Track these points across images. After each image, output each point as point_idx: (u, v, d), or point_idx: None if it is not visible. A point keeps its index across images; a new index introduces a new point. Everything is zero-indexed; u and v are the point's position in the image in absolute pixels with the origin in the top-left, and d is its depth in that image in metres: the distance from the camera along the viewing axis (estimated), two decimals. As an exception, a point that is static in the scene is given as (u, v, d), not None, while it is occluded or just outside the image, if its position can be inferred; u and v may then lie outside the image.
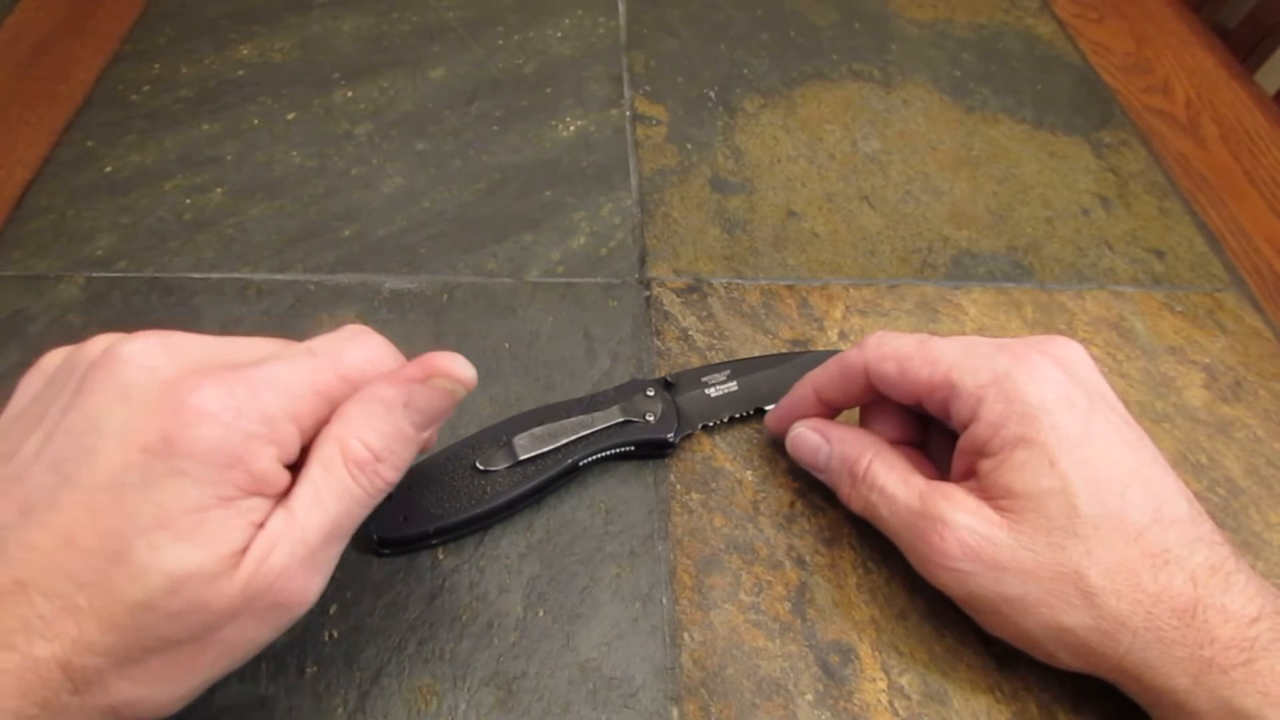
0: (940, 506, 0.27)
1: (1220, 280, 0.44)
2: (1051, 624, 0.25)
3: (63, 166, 0.43)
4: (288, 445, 0.22)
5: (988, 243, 0.44)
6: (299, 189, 0.43)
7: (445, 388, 0.24)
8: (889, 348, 0.29)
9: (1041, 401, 0.26)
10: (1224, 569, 0.25)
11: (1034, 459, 0.26)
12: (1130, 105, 0.54)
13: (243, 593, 0.20)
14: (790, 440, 0.32)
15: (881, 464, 0.29)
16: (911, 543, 0.28)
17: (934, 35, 0.58)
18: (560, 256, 0.41)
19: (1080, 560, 0.25)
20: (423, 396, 0.23)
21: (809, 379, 0.32)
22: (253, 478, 0.21)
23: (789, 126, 0.50)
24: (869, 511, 0.29)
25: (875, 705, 0.28)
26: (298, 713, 0.26)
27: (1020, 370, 0.27)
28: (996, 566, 0.26)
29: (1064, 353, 0.28)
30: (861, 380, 0.30)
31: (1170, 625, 0.24)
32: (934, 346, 0.28)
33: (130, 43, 0.51)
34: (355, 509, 0.22)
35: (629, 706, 0.27)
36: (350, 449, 0.22)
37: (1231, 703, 0.23)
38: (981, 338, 0.29)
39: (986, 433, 0.26)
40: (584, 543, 0.31)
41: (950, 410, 0.28)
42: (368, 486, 0.22)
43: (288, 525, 0.21)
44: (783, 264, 0.42)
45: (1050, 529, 0.25)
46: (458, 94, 0.49)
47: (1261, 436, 0.37)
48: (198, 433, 0.20)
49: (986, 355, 0.27)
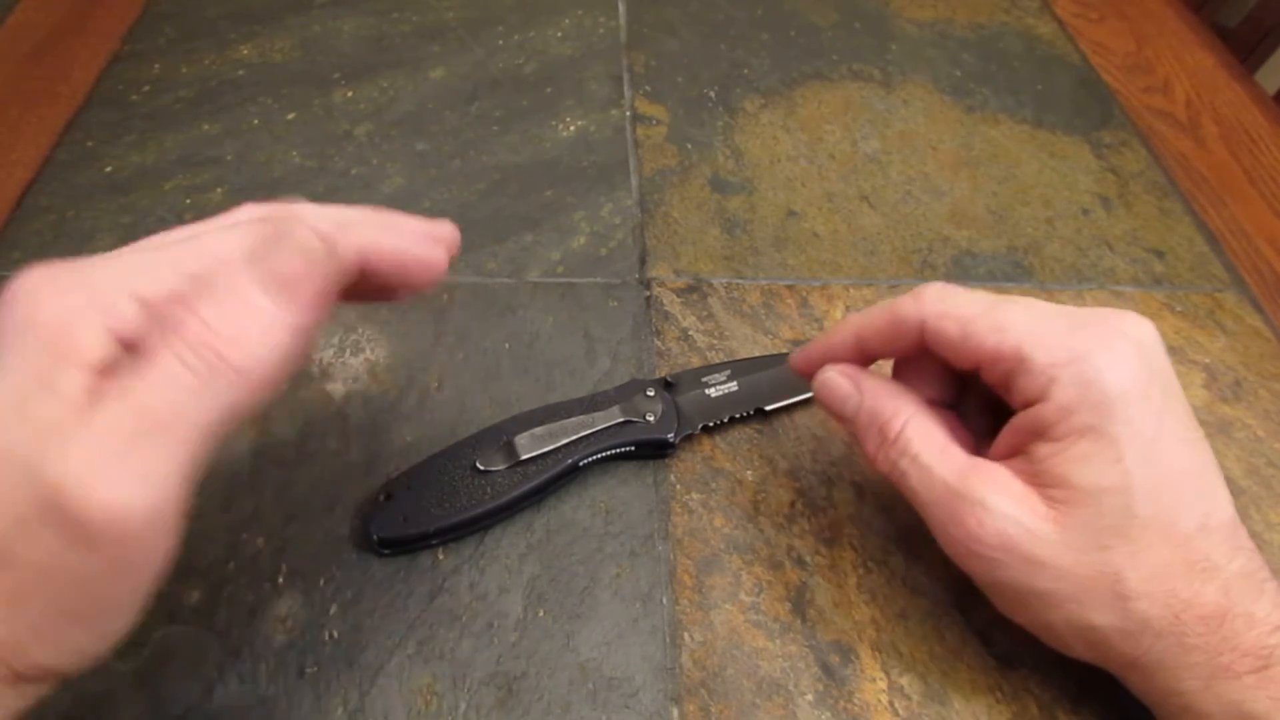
0: (981, 489, 0.25)
1: (1220, 280, 0.44)
2: (1078, 621, 0.24)
3: (63, 166, 0.43)
4: (122, 318, 0.18)
5: (988, 243, 0.44)
6: (299, 189, 0.43)
7: (301, 242, 0.19)
8: (951, 305, 0.27)
9: (1121, 392, 0.24)
10: (1257, 578, 0.24)
11: (1101, 453, 0.24)
12: (1130, 105, 0.54)
13: (31, 485, 0.17)
14: (818, 383, 0.30)
15: (917, 429, 0.27)
16: (941, 520, 0.26)
17: (934, 35, 0.58)
18: (560, 256, 0.41)
19: (1123, 563, 0.24)
20: (269, 252, 0.19)
21: (851, 322, 0.29)
22: (66, 349, 0.18)
23: (789, 126, 0.50)
24: (895, 475, 0.27)
25: (875, 705, 0.28)
26: (298, 713, 0.26)
27: (1101, 354, 0.24)
28: (1033, 561, 0.24)
29: (1140, 334, 0.26)
30: (913, 335, 0.27)
31: (1195, 631, 0.23)
32: (1004, 311, 0.26)
33: (130, 43, 0.51)
34: (184, 398, 0.18)
35: (629, 707, 0.27)
36: (176, 323, 0.18)
37: (1242, 706, 0.23)
38: (1052, 305, 0.26)
39: (1054, 416, 0.24)
40: (584, 543, 0.31)
41: (1014, 385, 0.26)
42: (197, 367, 0.18)
43: (90, 412, 0.17)
44: (783, 264, 0.42)
45: (1099, 528, 0.24)
46: (458, 94, 0.49)
47: (1261, 436, 0.37)
48: (14, 305, 0.18)
49: (1063, 331, 0.25)
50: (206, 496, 0.31)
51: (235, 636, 0.28)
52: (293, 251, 0.19)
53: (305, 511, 0.31)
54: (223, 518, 0.30)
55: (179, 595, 0.28)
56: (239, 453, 0.32)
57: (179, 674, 0.27)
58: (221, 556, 0.29)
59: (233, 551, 0.30)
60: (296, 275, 0.19)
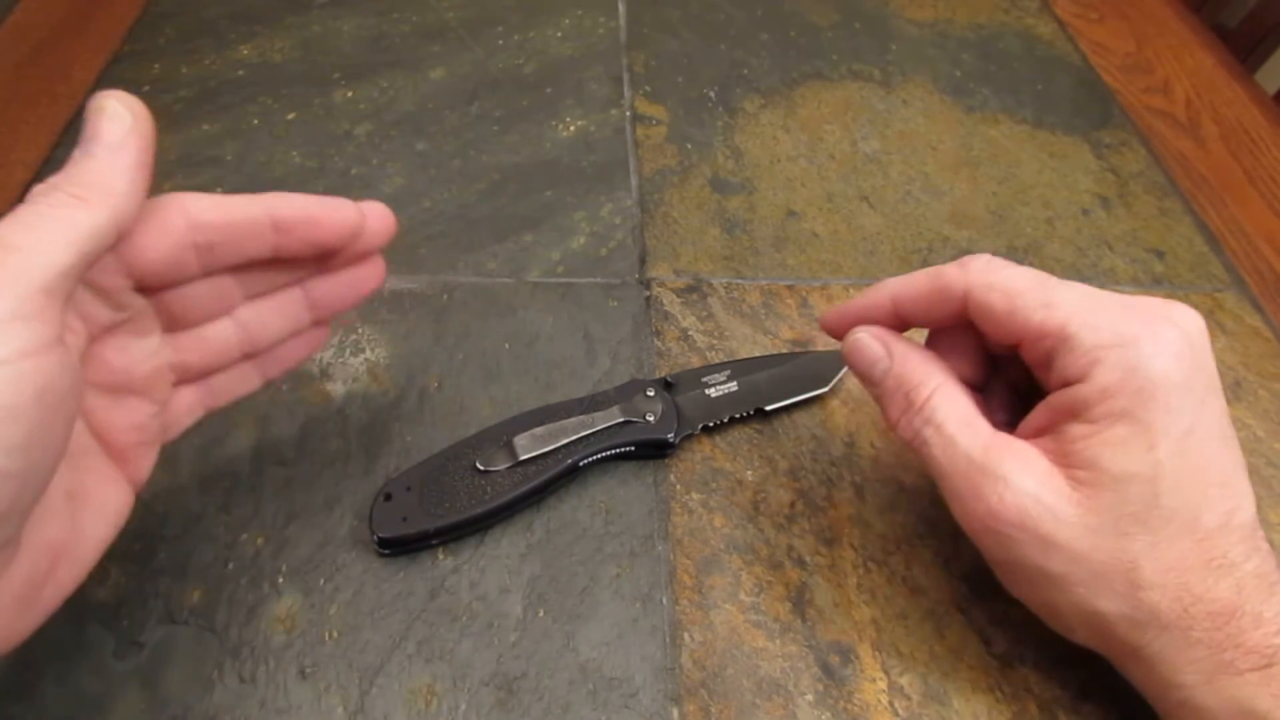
0: (1005, 465, 0.25)
1: (1220, 280, 0.44)
2: (1085, 606, 0.24)
3: (62, 166, 0.43)
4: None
5: (988, 243, 0.44)
6: (299, 189, 0.42)
7: (105, 108, 0.22)
8: (999, 278, 0.26)
9: (1166, 380, 0.24)
10: (1269, 579, 0.24)
11: (1135, 439, 0.24)
12: (1130, 105, 0.54)
13: None
14: (848, 344, 0.29)
15: (945, 398, 0.27)
16: (960, 493, 0.26)
17: (934, 35, 0.58)
18: (560, 256, 0.41)
19: (1141, 552, 0.24)
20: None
21: (888, 285, 0.29)
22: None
23: (789, 126, 0.50)
24: (918, 444, 0.27)
25: (875, 705, 0.28)
26: (298, 713, 0.26)
27: (1149, 340, 0.24)
28: (1050, 541, 0.24)
29: (1190, 325, 0.25)
30: (955, 305, 0.27)
31: (1202, 626, 0.23)
32: (1053, 288, 0.26)
33: (130, 43, 0.51)
34: (35, 220, 0.21)
35: (629, 707, 0.27)
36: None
37: (1243, 703, 0.23)
38: (1101, 290, 0.26)
39: (1094, 398, 0.24)
40: (584, 543, 0.31)
41: (1055, 364, 0.25)
42: (45, 194, 0.21)
43: None
44: (783, 264, 0.42)
45: (1122, 515, 0.24)
46: (458, 94, 0.49)
47: (1261, 436, 0.37)
48: None
49: (1112, 314, 0.25)
50: (207, 496, 0.31)
51: (235, 636, 0.28)
52: (94, 115, 0.22)
53: (305, 511, 0.31)
54: (222, 518, 0.30)
55: (179, 595, 0.28)
56: (239, 453, 0.32)
57: (179, 674, 0.27)
58: (221, 556, 0.29)
59: (233, 551, 0.30)
60: (95, 132, 0.22)
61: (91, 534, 0.23)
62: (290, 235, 0.25)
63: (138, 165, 0.22)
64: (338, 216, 0.26)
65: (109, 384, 0.24)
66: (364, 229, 0.26)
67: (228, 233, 0.24)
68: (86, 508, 0.23)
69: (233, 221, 0.24)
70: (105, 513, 0.24)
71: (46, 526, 0.22)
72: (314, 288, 0.28)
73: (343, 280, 0.28)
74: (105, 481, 0.24)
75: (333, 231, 0.26)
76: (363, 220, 0.26)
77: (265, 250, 0.25)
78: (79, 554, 0.23)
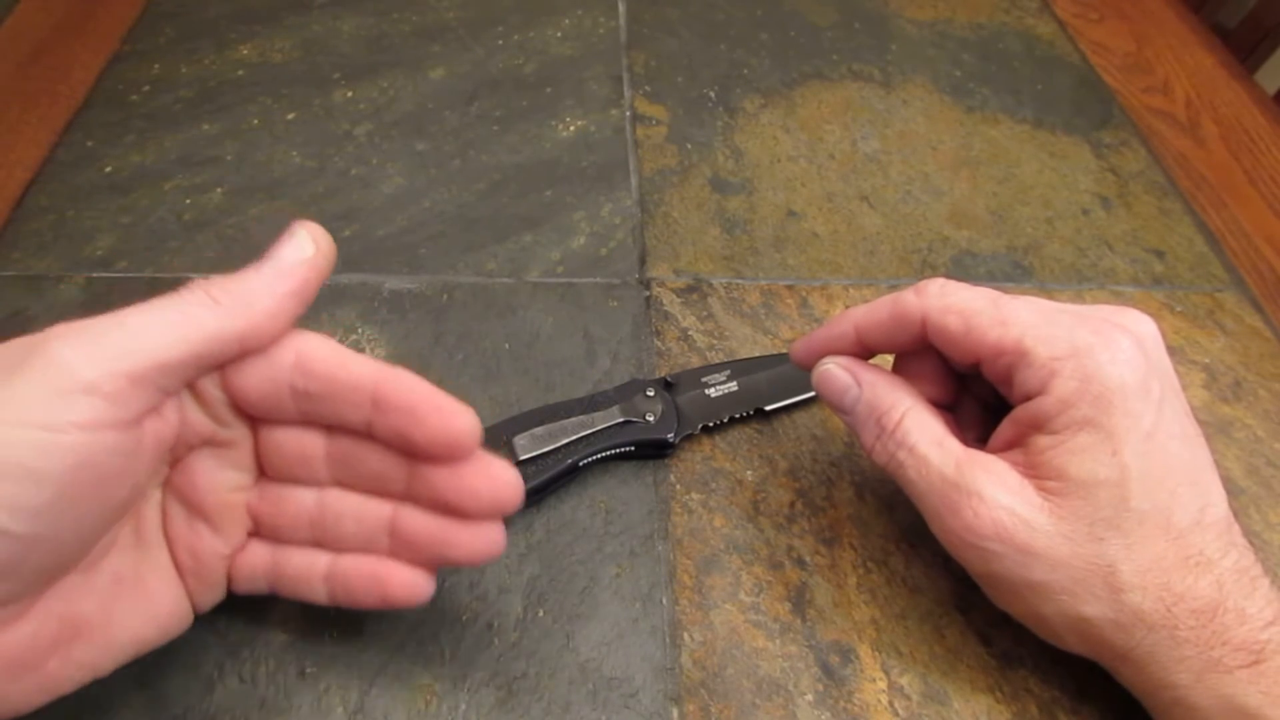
0: (978, 480, 0.25)
1: (1220, 280, 0.44)
2: (1070, 612, 0.25)
3: (63, 166, 0.43)
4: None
5: (988, 243, 0.44)
6: (299, 189, 0.43)
7: (296, 234, 0.23)
8: (954, 300, 0.27)
9: (1121, 385, 0.24)
10: (1250, 574, 0.24)
11: (1098, 445, 0.24)
12: (1130, 105, 0.54)
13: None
14: (817, 376, 0.30)
15: (915, 420, 0.27)
16: (938, 511, 0.26)
17: (934, 35, 0.58)
18: (560, 256, 0.41)
19: (1117, 555, 0.24)
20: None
21: (851, 315, 0.29)
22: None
23: (789, 126, 0.50)
24: (893, 467, 0.27)
25: (875, 705, 0.28)
26: (298, 713, 0.26)
27: (1102, 348, 0.25)
28: (1028, 551, 0.25)
29: (1141, 329, 0.26)
30: (915, 330, 0.27)
31: (1186, 625, 0.24)
32: (1006, 306, 0.26)
33: (130, 43, 0.51)
34: (164, 315, 0.21)
35: (629, 707, 0.27)
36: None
37: (1233, 700, 0.23)
38: (1054, 302, 0.27)
39: (1054, 409, 0.25)
40: (584, 543, 0.31)
41: (1015, 379, 0.26)
42: (184, 294, 0.22)
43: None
44: (783, 264, 0.42)
45: (1094, 520, 0.24)
46: (458, 94, 0.49)
47: (1261, 436, 0.37)
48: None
49: (1065, 325, 0.25)
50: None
51: (235, 636, 0.28)
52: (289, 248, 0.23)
53: (305, 511, 0.31)
54: (223, 518, 0.30)
55: (179, 595, 0.28)
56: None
57: (179, 674, 0.27)
58: (221, 556, 0.29)
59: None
60: (289, 263, 0.23)
61: (128, 625, 0.23)
62: (385, 415, 0.23)
63: (293, 293, 0.22)
64: (438, 420, 0.22)
65: (189, 499, 0.24)
66: (470, 454, 0.23)
67: (329, 385, 0.23)
68: (132, 598, 0.23)
69: (337, 376, 0.23)
70: (153, 612, 0.23)
71: (74, 598, 0.21)
72: (403, 515, 0.24)
73: (436, 523, 0.24)
74: (164, 584, 0.24)
75: (428, 434, 0.23)
76: (471, 440, 0.23)
77: (359, 420, 0.23)
78: (105, 639, 0.22)
